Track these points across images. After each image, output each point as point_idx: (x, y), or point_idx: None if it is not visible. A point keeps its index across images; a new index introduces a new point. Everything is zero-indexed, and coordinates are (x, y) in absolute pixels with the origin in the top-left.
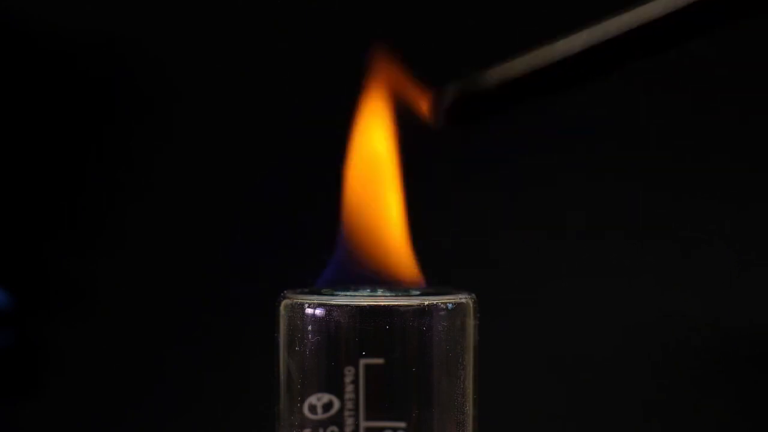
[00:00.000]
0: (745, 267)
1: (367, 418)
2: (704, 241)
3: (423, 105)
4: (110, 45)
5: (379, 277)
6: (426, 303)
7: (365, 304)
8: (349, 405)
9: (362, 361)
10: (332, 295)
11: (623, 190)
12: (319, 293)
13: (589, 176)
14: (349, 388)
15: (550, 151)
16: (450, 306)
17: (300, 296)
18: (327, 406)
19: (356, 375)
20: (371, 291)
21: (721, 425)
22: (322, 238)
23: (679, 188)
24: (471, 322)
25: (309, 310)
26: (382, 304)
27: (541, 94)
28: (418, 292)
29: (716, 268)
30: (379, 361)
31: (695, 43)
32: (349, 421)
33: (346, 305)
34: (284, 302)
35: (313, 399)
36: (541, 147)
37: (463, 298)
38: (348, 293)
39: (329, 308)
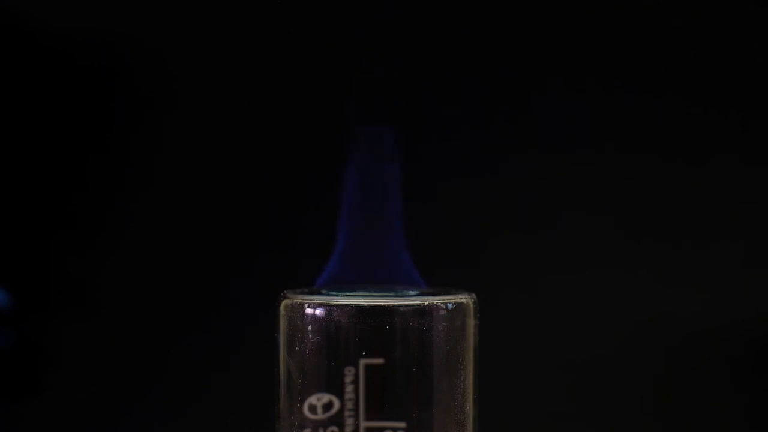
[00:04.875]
0: (746, 267)
1: (367, 418)
2: (705, 241)
3: None
4: (111, 44)
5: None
6: (426, 303)
7: (365, 304)
8: (349, 405)
9: (362, 361)
10: (332, 295)
11: (624, 189)
12: (319, 293)
13: (589, 176)
14: (349, 388)
15: (550, 150)
16: (450, 306)
17: (300, 296)
18: (327, 406)
19: (356, 375)
20: (371, 291)
21: (722, 426)
22: (322, 238)
23: (680, 188)
24: (471, 322)
25: (309, 310)
26: (382, 304)
27: None
28: (417, 292)
29: (717, 267)
30: (379, 361)
31: (695, 42)
32: (349, 421)
33: (346, 305)
34: (284, 302)
35: (313, 399)
36: (542, 147)
37: (463, 298)
38: (348, 293)
39: (329, 308)
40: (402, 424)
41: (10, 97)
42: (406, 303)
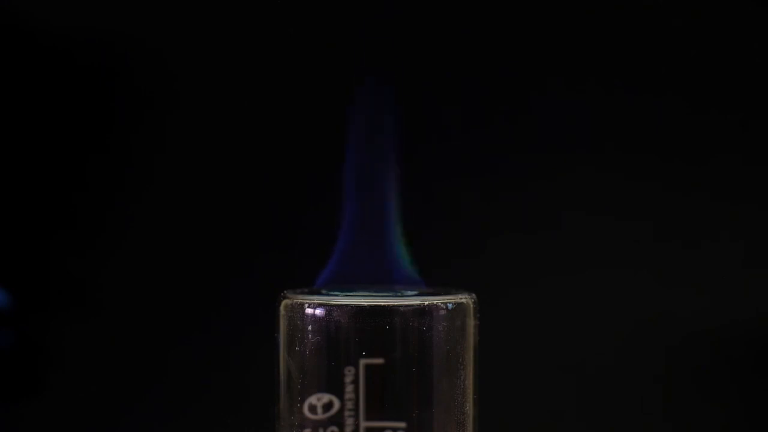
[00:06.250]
0: (746, 267)
1: (367, 418)
2: (705, 241)
3: None
4: (111, 44)
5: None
6: (426, 303)
7: (365, 304)
8: (349, 405)
9: (362, 361)
10: (332, 295)
11: (624, 189)
12: (319, 293)
13: (589, 176)
14: (349, 388)
15: (550, 150)
16: (450, 306)
17: (300, 296)
18: (327, 406)
19: (356, 375)
20: (371, 291)
21: (722, 426)
22: (322, 238)
23: (680, 188)
24: (471, 322)
25: (309, 310)
26: (382, 304)
27: None
28: (417, 292)
29: (717, 267)
30: (379, 361)
31: (695, 42)
32: (349, 421)
33: (346, 305)
34: (284, 302)
35: (313, 399)
36: (542, 147)
37: (463, 298)
38: (348, 293)
39: (329, 308)
40: (402, 424)
41: (11, 97)
42: (406, 303)
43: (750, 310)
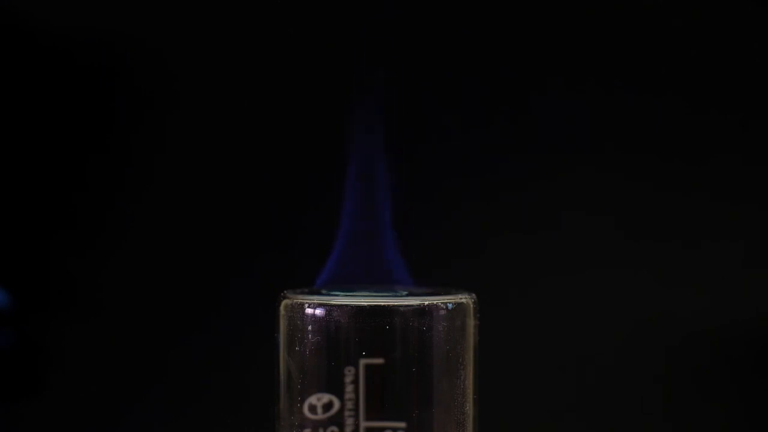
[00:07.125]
0: (746, 267)
1: (367, 418)
2: (705, 241)
3: None
4: (111, 44)
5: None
6: (426, 303)
7: (365, 304)
8: (349, 405)
9: (362, 361)
10: (332, 295)
11: (624, 189)
12: (319, 293)
13: (589, 176)
14: (349, 388)
15: (550, 150)
16: (450, 306)
17: (300, 296)
18: (327, 406)
19: (356, 375)
20: (371, 291)
21: (722, 426)
22: (322, 238)
23: (680, 188)
24: (471, 322)
25: (309, 310)
26: (382, 304)
27: None
28: (417, 292)
29: (717, 267)
30: (379, 361)
31: (695, 42)
32: (349, 421)
33: (346, 305)
34: (284, 302)
35: (313, 399)
36: (542, 147)
37: (463, 298)
38: (348, 293)
39: (329, 308)
40: (402, 424)
41: (11, 97)
42: (406, 303)
43: (750, 310)
